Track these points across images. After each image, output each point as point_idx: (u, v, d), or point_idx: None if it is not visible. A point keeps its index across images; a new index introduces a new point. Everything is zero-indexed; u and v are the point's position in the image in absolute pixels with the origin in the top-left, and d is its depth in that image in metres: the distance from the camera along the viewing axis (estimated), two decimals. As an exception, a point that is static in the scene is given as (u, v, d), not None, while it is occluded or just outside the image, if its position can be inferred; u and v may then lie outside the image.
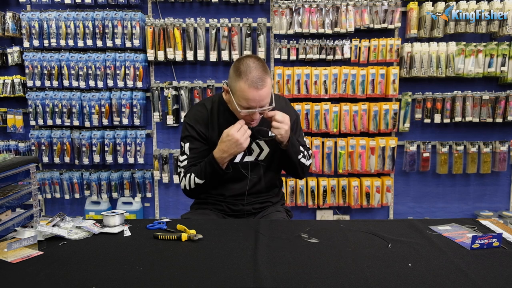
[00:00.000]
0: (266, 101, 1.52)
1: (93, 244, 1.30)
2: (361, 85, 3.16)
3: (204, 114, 1.69)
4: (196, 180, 1.62)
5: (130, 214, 3.29)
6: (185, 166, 1.67)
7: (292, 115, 1.72)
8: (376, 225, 1.46)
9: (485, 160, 3.29)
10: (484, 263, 1.13)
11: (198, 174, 1.62)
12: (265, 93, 1.49)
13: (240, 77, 1.47)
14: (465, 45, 3.12)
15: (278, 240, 1.31)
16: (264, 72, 1.50)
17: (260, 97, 1.48)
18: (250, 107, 1.50)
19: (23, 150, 3.36)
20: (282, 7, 3.12)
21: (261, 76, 1.47)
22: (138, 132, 3.31)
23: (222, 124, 1.65)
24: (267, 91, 1.50)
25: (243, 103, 1.50)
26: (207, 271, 1.09)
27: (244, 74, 1.47)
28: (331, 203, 3.29)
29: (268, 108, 1.54)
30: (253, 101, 1.48)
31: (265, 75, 1.49)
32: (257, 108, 1.50)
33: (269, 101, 1.54)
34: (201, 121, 1.68)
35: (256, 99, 1.48)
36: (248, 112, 1.52)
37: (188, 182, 1.65)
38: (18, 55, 3.27)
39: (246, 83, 1.46)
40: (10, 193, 1.39)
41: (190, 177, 1.64)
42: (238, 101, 1.50)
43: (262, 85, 1.47)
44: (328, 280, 1.03)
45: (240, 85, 1.47)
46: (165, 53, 3.18)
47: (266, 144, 1.70)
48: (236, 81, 1.49)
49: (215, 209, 1.74)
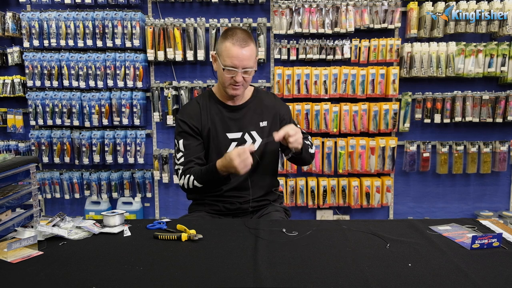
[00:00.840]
0: (249, 64, 1.60)
1: (93, 244, 1.30)
2: (361, 85, 3.16)
3: (196, 109, 1.74)
4: (195, 183, 1.64)
5: (130, 214, 3.29)
6: (182, 163, 1.69)
7: (285, 108, 1.83)
8: (376, 225, 1.46)
9: (485, 160, 3.29)
10: (484, 263, 1.13)
11: (198, 178, 1.63)
12: (247, 53, 1.58)
13: (226, 38, 1.59)
14: (465, 45, 3.12)
15: (278, 240, 1.31)
16: (248, 36, 1.62)
17: (243, 55, 1.57)
18: (233, 65, 1.58)
19: (23, 150, 3.36)
20: (282, 7, 3.12)
21: (245, 37, 1.59)
22: (138, 132, 3.31)
23: (213, 115, 1.72)
24: (250, 52, 1.59)
25: (227, 61, 1.58)
26: (207, 271, 1.09)
27: (229, 35, 1.59)
28: (331, 203, 3.29)
29: (252, 69, 1.62)
30: (236, 58, 1.57)
31: (249, 39, 1.60)
32: (239, 69, 1.58)
33: (252, 65, 1.62)
34: (193, 115, 1.72)
35: (240, 57, 1.57)
36: (232, 71, 1.59)
37: (187, 182, 1.66)
38: (18, 55, 3.27)
39: (231, 41, 1.58)
40: (10, 193, 1.39)
41: (190, 178, 1.64)
42: (223, 61, 1.60)
43: (245, 44, 1.58)
44: (328, 280, 1.03)
45: (226, 44, 1.58)
46: (165, 53, 3.18)
47: (258, 135, 1.73)
48: (222, 42, 1.60)
49: (211, 210, 1.74)
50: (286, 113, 1.82)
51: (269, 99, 1.81)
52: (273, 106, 1.78)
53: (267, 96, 1.83)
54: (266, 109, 1.77)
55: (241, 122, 1.72)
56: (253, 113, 1.74)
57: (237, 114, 1.73)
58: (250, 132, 1.72)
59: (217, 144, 1.71)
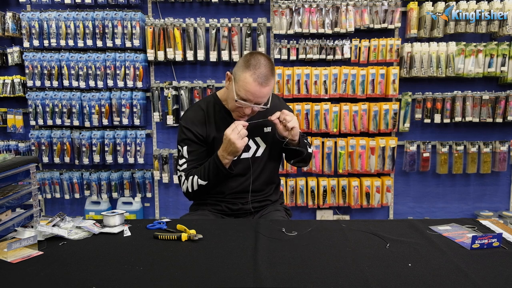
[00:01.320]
0: (263, 100, 1.57)
1: (93, 244, 1.30)
2: (361, 85, 3.16)
3: (200, 115, 1.70)
4: (199, 181, 1.63)
5: (130, 214, 3.29)
6: (185, 169, 1.67)
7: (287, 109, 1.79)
8: (376, 225, 1.46)
9: (485, 160, 3.29)
10: (484, 263, 1.13)
11: (201, 175, 1.63)
12: (265, 92, 1.53)
13: (248, 69, 1.51)
14: (465, 45, 3.12)
15: (278, 240, 1.31)
16: (272, 72, 1.54)
17: (260, 93, 1.52)
18: (247, 99, 1.53)
19: (23, 150, 3.36)
20: (282, 7, 3.12)
21: (268, 75, 1.52)
22: (138, 132, 3.31)
23: (219, 122, 1.68)
24: (268, 91, 1.54)
25: (242, 93, 1.53)
26: (207, 271, 1.09)
27: (253, 67, 1.51)
28: (331, 203, 3.29)
29: (262, 107, 1.58)
30: (252, 95, 1.52)
31: (271, 76, 1.54)
32: (252, 104, 1.54)
33: (265, 101, 1.58)
34: (197, 122, 1.69)
35: (256, 95, 1.52)
36: (243, 104, 1.54)
37: (190, 184, 1.65)
38: (18, 55, 3.27)
39: (252, 76, 1.50)
40: (10, 193, 1.39)
41: (193, 179, 1.64)
42: (238, 90, 1.54)
43: (266, 84, 1.52)
44: (328, 280, 1.03)
45: (246, 76, 1.51)
46: (165, 53, 3.18)
47: (262, 141, 1.72)
48: (243, 71, 1.52)
49: (214, 209, 1.74)
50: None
51: (273, 102, 1.74)
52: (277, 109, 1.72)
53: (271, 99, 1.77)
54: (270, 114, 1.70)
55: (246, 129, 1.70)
56: (257, 118, 1.69)
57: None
58: (254, 139, 1.71)
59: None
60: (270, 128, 1.74)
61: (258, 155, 1.73)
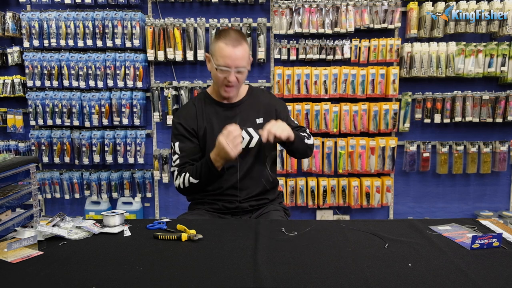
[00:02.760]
0: (242, 63, 1.62)
1: (93, 244, 1.30)
2: (361, 85, 3.16)
3: (192, 110, 1.76)
4: (191, 179, 1.65)
5: (130, 214, 3.29)
6: (178, 164, 1.71)
7: (281, 104, 1.85)
8: (376, 225, 1.46)
9: (485, 160, 3.29)
10: (484, 263, 1.13)
11: (193, 174, 1.65)
12: (240, 53, 1.60)
13: (219, 39, 1.61)
14: (465, 45, 3.12)
15: (278, 240, 1.31)
16: (241, 36, 1.64)
17: (235, 55, 1.59)
18: (226, 65, 1.60)
19: (23, 150, 3.36)
20: (282, 7, 3.12)
21: (238, 38, 1.61)
22: (138, 132, 3.31)
23: (210, 115, 1.73)
24: (242, 52, 1.61)
25: (220, 61, 1.60)
26: (207, 271, 1.09)
27: (222, 36, 1.61)
28: (331, 203, 3.29)
29: (245, 69, 1.64)
30: (229, 58, 1.58)
31: (242, 39, 1.63)
32: (232, 68, 1.60)
33: (245, 65, 1.64)
34: (189, 117, 1.74)
35: (232, 57, 1.59)
36: (225, 70, 1.60)
37: (182, 181, 1.67)
38: (18, 55, 3.27)
39: (224, 41, 1.59)
40: (10, 193, 1.38)
41: (185, 176, 1.67)
42: (216, 61, 1.61)
43: (238, 44, 1.60)
44: (328, 280, 1.03)
45: (219, 44, 1.60)
46: (165, 53, 3.18)
47: (255, 132, 1.73)
48: (216, 42, 1.62)
49: (211, 208, 1.75)
50: (283, 109, 1.83)
51: (264, 96, 1.83)
52: (268, 103, 1.80)
53: (262, 93, 1.86)
54: (262, 106, 1.78)
55: (237, 120, 1.73)
56: (249, 110, 1.75)
57: (233, 112, 1.75)
58: (247, 129, 1.73)
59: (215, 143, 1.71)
60: (262, 119, 1.76)
61: (251, 146, 1.73)
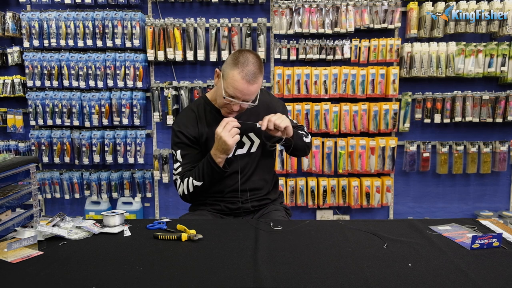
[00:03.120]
0: (251, 98, 1.59)
1: (93, 244, 1.30)
2: (361, 85, 3.16)
3: (191, 116, 1.73)
4: (194, 182, 1.64)
5: (130, 214, 3.29)
6: (180, 172, 1.69)
7: (281, 105, 1.83)
8: (376, 225, 1.46)
9: (485, 160, 3.29)
10: (484, 263, 1.13)
11: (196, 176, 1.63)
12: (253, 90, 1.55)
13: (236, 66, 1.52)
14: (465, 45, 3.12)
15: (278, 240, 1.31)
16: (260, 70, 1.56)
17: (248, 91, 1.54)
18: (235, 96, 1.55)
19: (23, 150, 3.36)
20: (282, 7, 3.12)
21: (256, 73, 1.53)
22: (138, 132, 3.30)
23: (210, 122, 1.71)
24: (256, 89, 1.56)
25: (230, 90, 1.54)
26: (207, 271, 1.09)
27: (241, 64, 1.52)
28: (331, 203, 3.29)
29: (250, 105, 1.60)
30: (240, 92, 1.53)
31: (259, 73, 1.55)
32: (240, 101, 1.56)
33: (253, 98, 1.60)
34: (189, 124, 1.71)
35: (244, 92, 1.54)
36: (231, 101, 1.56)
37: (186, 186, 1.66)
38: (18, 55, 3.27)
39: (240, 74, 1.51)
40: (10, 193, 1.39)
41: (188, 181, 1.65)
42: (226, 87, 1.55)
43: (254, 81, 1.53)
44: (328, 280, 1.03)
45: (234, 74, 1.52)
46: (165, 53, 3.18)
47: (255, 136, 1.73)
48: (231, 68, 1.54)
49: (212, 209, 1.75)
50: (282, 110, 1.81)
51: (263, 98, 1.79)
52: (268, 105, 1.77)
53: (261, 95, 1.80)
54: (262, 109, 1.75)
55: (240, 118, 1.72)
56: (250, 115, 1.72)
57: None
58: (247, 135, 1.72)
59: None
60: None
61: (253, 151, 1.73)
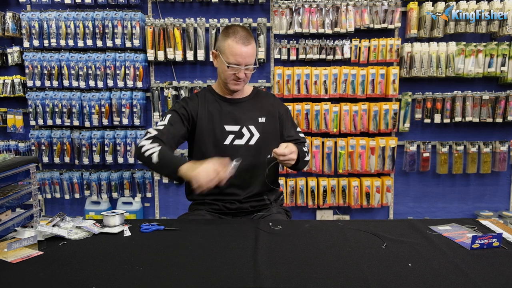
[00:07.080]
0: (252, 61, 1.66)
1: (93, 244, 1.30)
2: (361, 85, 3.16)
3: (195, 99, 1.78)
4: (153, 156, 1.53)
5: (130, 214, 3.29)
6: (158, 131, 1.62)
7: (284, 108, 1.86)
8: (376, 225, 1.46)
9: (485, 160, 3.29)
10: (484, 263, 1.13)
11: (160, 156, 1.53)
12: (250, 51, 1.64)
13: (229, 36, 1.63)
14: (465, 45, 3.12)
15: (278, 240, 1.31)
16: (250, 34, 1.67)
17: (246, 53, 1.62)
18: (237, 63, 1.62)
19: (23, 150, 3.36)
20: (282, 7, 3.12)
21: (247, 36, 1.64)
22: (138, 132, 3.30)
23: (212, 108, 1.75)
24: (252, 50, 1.65)
25: (230, 59, 1.62)
26: (207, 271, 1.09)
27: (232, 33, 1.63)
28: (331, 203, 3.29)
29: (254, 67, 1.68)
30: (239, 56, 1.61)
31: (250, 37, 1.65)
32: (243, 65, 1.63)
33: (253, 61, 1.68)
34: (192, 103, 1.76)
35: (243, 55, 1.62)
36: (235, 68, 1.63)
37: (147, 148, 1.56)
38: (18, 55, 3.27)
39: (234, 40, 1.62)
40: (10, 193, 1.39)
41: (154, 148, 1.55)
42: (226, 58, 1.63)
43: (248, 42, 1.63)
44: (328, 280, 1.03)
45: (228, 43, 1.62)
46: (165, 53, 3.18)
47: (256, 130, 1.74)
48: (225, 40, 1.64)
49: (211, 209, 1.74)
50: (285, 113, 1.85)
51: (268, 98, 1.85)
52: (272, 105, 1.82)
53: (266, 95, 1.88)
54: (265, 106, 1.80)
55: (239, 116, 1.74)
56: (252, 108, 1.77)
57: (235, 107, 1.76)
58: (248, 126, 1.73)
59: (214, 136, 1.71)
60: (265, 118, 1.77)
61: (251, 143, 1.73)
